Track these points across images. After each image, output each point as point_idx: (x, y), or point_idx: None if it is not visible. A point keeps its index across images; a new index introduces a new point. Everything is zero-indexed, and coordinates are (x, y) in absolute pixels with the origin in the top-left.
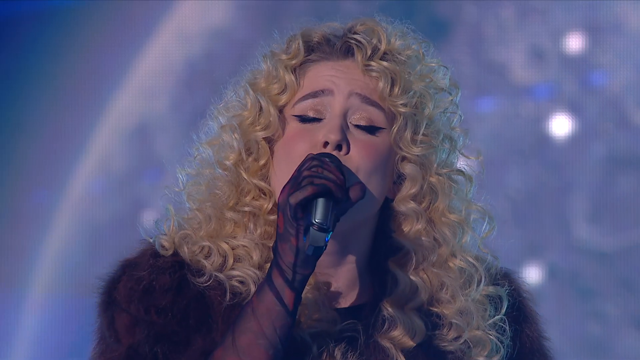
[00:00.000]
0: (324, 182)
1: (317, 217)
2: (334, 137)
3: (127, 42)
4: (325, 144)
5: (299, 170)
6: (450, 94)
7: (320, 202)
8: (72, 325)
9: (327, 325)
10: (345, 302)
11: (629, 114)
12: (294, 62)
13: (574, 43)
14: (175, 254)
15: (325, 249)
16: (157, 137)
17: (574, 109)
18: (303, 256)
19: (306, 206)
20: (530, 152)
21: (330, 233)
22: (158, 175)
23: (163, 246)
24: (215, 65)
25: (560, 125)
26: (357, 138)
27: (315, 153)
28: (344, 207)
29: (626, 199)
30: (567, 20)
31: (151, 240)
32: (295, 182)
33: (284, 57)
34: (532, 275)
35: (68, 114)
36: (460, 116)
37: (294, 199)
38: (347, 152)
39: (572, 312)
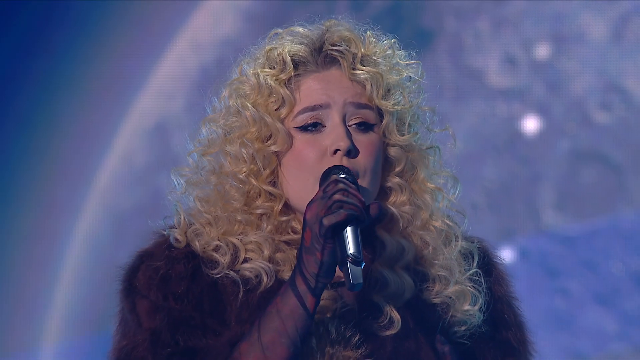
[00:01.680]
0: (352, 207)
1: (352, 250)
2: (343, 144)
3: (148, 50)
4: (336, 151)
5: (324, 191)
6: (420, 80)
7: (350, 232)
8: (98, 301)
9: (329, 303)
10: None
11: (590, 114)
12: (284, 76)
13: (542, 51)
14: (188, 246)
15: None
16: (174, 135)
17: (542, 109)
18: (325, 268)
19: (336, 228)
20: (503, 147)
21: (363, 264)
22: (174, 167)
23: (177, 239)
24: (225, 70)
25: (530, 124)
26: (357, 139)
27: (328, 165)
28: (364, 225)
29: (588, 189)
30: (536, 31)
31: (165, 233)
32: (324, 204)
33: (273, 72)
34: (505, 256)
35: (95, 114)
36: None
37: (327, 221)
38: (355, 156)
39: (541, 289)
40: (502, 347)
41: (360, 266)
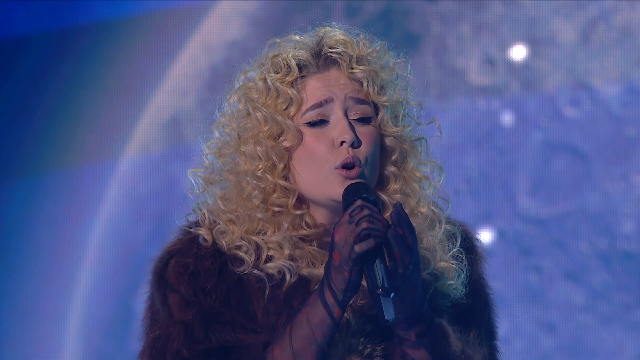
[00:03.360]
0: (380, 234)
1: (383, 281)
2: (349, 137)
3: (163, 52)
4: (342, 143)
5: (350, 215)
6: (410, 77)
7: (378, 262)
8: (120, 277)
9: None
10: None
11: (560, 109)
12: (290, 79)
13: (518, 53)
14: (214, 244)
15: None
16: (186, 128)
17: (518, 105)
18: (352, 286)
19: (366, 255)
20: (483, 139)
21: (393, 294)
22: (187, 157)
23: (205, 239)
24: (233, 70)
25: (507, 118)
26: (359, 131)
27: (337, 156)
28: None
29: (558, 177)
30: (512, 35)
31: (191, 230)
32: (352, 230)
33: (279, 76)
34: (484, 237)
35: (116, 109)
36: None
37: (359, 249)
38: (359, 146)
39: (516, 267)
40: (475, 321)
41: (390, 296)
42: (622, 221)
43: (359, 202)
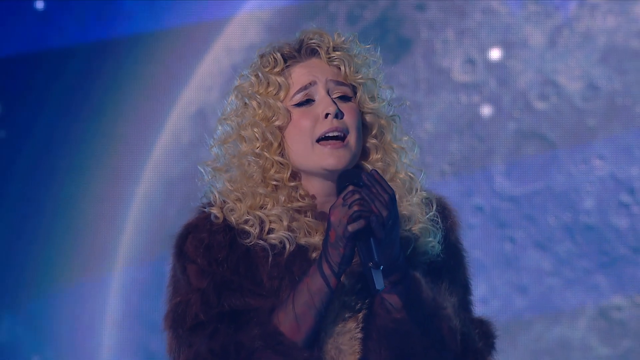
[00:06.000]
0: (369, 215)
1: (373, 257)
2: (332, 109)
3: (191, 53)
4: (326, 115)
5: (344, 199)
6: (379, 61)
7: (369, 242)
8: (154, 247)
9: None
10: None
11: (531, 102)
12: (277, 69)
13: (495, 54)
14: (224, 220)
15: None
16: (211, 119)
17: (495, 99)
18: (346, 259)
19: (357, 233)
20: (465, 128)
21: (382, 267)
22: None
23: (216, 216)
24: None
25: (485, 110)
26: (341, 106)
27: (322, 128)
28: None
29: (529, 160)
30: (490, 38)
31: (205, 210)
32: (346, 212)
33: (268, 68)
34: (466, 212)
35: (151, 102)
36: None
37: (351, 228)
38: (342, 117)
39: (493, 237)
40: (448, 275)
41: (380, 269)
42: (583, 198)
43: (351, 188)
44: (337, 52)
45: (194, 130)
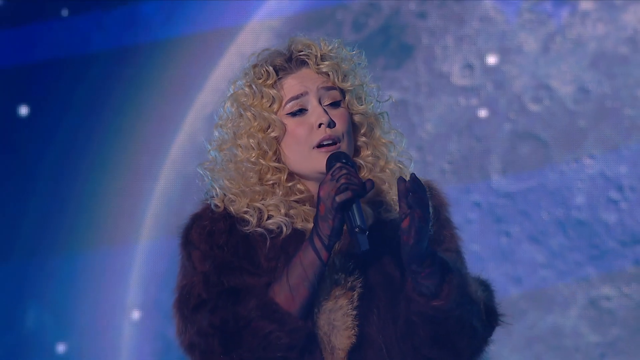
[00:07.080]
0: (356, 187)
1: (358, 222)
2: (325, 119)
3: (207, 59)
4: (320, 125)
5: (332, 174)
6: (365, 64)
7: (355, 208)
8: (172, 240)
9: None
10: None
11: (526, 105)
12: (270, 81)
13: (492, 59)
14: (225, 209)
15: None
16: None
17: (492, 101)
18: (335, 231)
19: (344, 203)
20: (464, 129)
21: (367, 232)
22: None
23: (217, 205)
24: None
25: (483, 112)
26: (332, 114)
27: (317, 137)
28: (362, 197)
29: (524, 159)
30: (487, 45)
31: (208, 202)
32: (334, 185)
33: (261, 81)
34: (464, 207)
35: (169, 105)
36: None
37: (339, 199)
38: (334, 126)
39: (490, 231)
40: (446, 245)
41: (365, 234)
42: (575, 195)
43: (338, 165)
44: (325, 62)
45: (208, 131)
